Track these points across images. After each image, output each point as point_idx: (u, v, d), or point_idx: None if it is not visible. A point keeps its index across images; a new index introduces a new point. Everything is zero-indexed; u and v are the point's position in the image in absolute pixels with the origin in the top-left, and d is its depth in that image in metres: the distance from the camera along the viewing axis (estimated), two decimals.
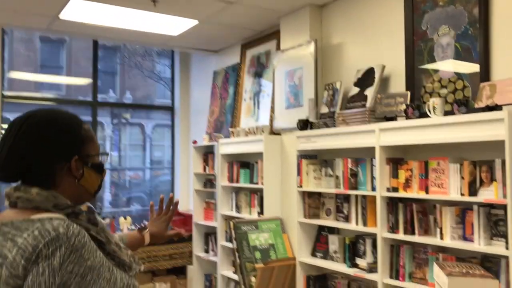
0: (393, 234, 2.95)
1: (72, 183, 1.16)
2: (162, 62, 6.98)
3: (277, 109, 4.21)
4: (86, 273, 0.99)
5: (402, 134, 2.88)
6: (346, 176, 3.30)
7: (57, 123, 1.14)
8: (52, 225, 1.00)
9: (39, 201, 1.07)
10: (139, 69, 7.08)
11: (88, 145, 1.19)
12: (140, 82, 7.31)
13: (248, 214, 4.41)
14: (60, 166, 1.14)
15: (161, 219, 1.72)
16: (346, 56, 3.71)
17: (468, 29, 2.80)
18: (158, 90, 6.96)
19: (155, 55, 6.97)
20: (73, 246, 0.98)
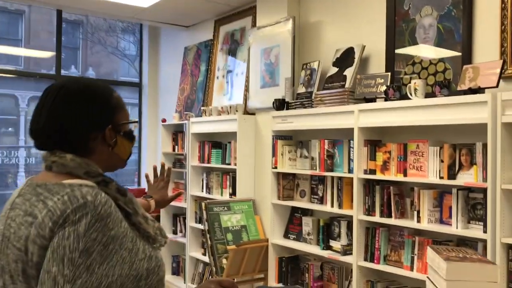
0: (369, 217, 2.92)
1: (105, 151, 1.18)
2: (127, 39, 6.71)
3: (252, 88, 4.10)
4: (109, 242, 1.01)
5: (381, 116, 2.84)
6: (323, 158, 3.24)
7: (91, 92, 1.17)
8: (81, 192, 1.03)
9: (72, 167, 1.10)
10: (102, 45, 6.79)
11: (120, 113, 1.21)
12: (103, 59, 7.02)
13: (220, 196, 4.32)
14: (95, 134, 1.16)
15: (159, 186, 1.82)
16: (325, 35, 3.62)
17: (451, 10, 2.75)
18: (122, 68, 6.70)
19: (120, 31, 6.69)
20: (99, 215, 1.01)
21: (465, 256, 1.30)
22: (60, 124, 1.12)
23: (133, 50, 6.37)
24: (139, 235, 1.11)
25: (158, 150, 5.86)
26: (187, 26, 5.31)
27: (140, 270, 1.07)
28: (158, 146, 5.88)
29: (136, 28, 6.17)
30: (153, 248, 1.13)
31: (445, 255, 1.30)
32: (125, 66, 6.58)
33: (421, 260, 2.68)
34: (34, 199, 1.07)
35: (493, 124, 2.28)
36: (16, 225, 1.05)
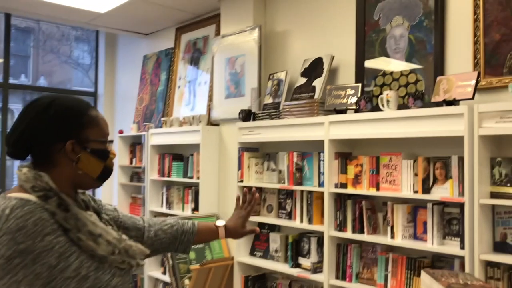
0: (340, 233, 2.80)
1: (69, 166, 1.18)
2: (81, 48, 6.42)
3: (216, 98, 3.93)
4: (14, 256, 0.99)
5: (353, 128, 2.74)
6: (291, 171, 3.11)
7: (57, 105, 1.18)
8: (5, 205, 1.04)
9: (23, 181, 1.12)
10: (55, 54, 6.46)
11: (90, 129, 1.20)
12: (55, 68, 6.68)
13: (181, 211, 4.10)
14: (55, 147, 1.16)
15: (240, 214, 1.70)
16: (292, 44, 3.52)
17: (423, 21, 2.70)
18: (75, 77, 6.39)
19: (73, 39, 6.38)
20: (7, 229, 1.00)
21: (466, 282, 1.18)
22: (24, 134, 1.15)
23: (87, 59, 6.08)
24: (81, 251, 1.09)
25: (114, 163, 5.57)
26: (147, 33, 5.10)
27: None
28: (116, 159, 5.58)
29: (91, 37, 5.90)
30: (99, 268, 1.11)
31: (445, 281, 1.18)
32: (78, 75, 6.28)
33: (395, 278, 2.58)
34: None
35: (470, 136, 2.22)
36: None
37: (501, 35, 2.37)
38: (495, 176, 2.22)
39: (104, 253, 1.13)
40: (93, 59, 5.85)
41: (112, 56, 5.71)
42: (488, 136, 2.21)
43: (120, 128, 5.18)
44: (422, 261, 2.49)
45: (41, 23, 5.93)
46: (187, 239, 1.61)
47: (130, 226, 1.48)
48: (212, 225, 1.66)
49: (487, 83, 2.40)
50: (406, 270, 2.53)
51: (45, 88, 5.81)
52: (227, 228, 1.66)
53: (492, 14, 2.40)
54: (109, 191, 5.62)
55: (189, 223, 1.64)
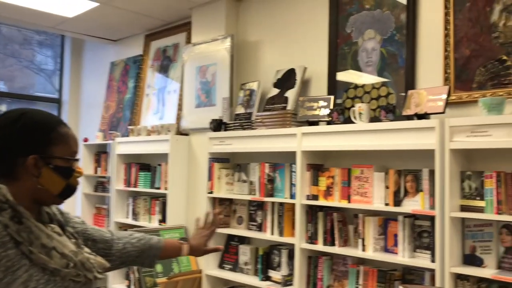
0: (311, 245, 2.78)
1: (30, 180, 1.17)
2: (44, 53, 6.22)
3: (186, 107, 3.87)
4: None
5: (325, 140, 2.73)
6: (263, 182, 3.08)
7: (26, 119, 1.17)
8: None
9: None
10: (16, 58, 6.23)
11: (56, 146, 1.19)
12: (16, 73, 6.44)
13: (148, 222, 3.99)
14: (18, 160, 1.16)
15: (202, 233, 1.72)
16: (264, 55, 3.50)
17: (394, 35, 2.74)
18: (38, 83, 6.18)
19: (36, 44, 6.19)
20: None
21: None
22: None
23: (51, 65, 5.88)
24: (31, 265, 1.10)
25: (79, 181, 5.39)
26: (115, 40, 4.99)
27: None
28: None
29: (55, 42, 5.72)
30: (50, 281, 1.12)
31: None
32: (41, 81, 6.07)
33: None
34: None
35: (441, 150, 2.24)
36: None
37: (471, 51, 2.42)
38: (465, 190, 2.25)
39: (57, 266, 1.13)
40: (57, 65, 5.67)
41: (78, 62, 5.56)
42: (459, 150, 2.24)
43: (85, 136, 5.03)
44: (393, 274, 2.49)
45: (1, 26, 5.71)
46: (153, 253, 1.59)
47: (97, 238, 1.46)
48: (176, 242, 1.67)
49: (457, 98, 2.44)
50: (377, 283, 2.53)
51: (6, 93, 5.59)
52: (191, 246, 1.67)
53: (462, 30, 2.45)
54: (72, 201, 5.42)
55: (155, 238, 1.62)
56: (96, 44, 5.24)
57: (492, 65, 2.35)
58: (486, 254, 2.21)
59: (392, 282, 2.47)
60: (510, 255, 2.17)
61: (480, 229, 2.24)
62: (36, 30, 5.54)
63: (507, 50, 2.31)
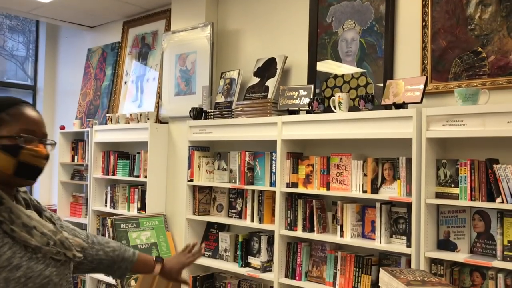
0: (291, 232, 2.83)
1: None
2: (15, 38, 6.06)
3: (165, 95, 3.85)
4: None
5: (305, 128, 2.77)
6: (243, 170, 3.10)
7: None
8: None
9: None
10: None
11: (4, 127, 1.21)
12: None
13: (126, 211, 3.98)
14: None
15: (180, 260, 1.74)
16: (244, 43, 3.51)
17: (374, 26, 2.78)
18: (9, 69, 6.04)
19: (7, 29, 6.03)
20: None
21: (423, 279, 1.22)
22: None
23: (23, 51, 5.75)
24: (14, 242, 1.14)
25: (54, 160, 5.31)
26: (92, 26, 4.91)
27: None
28: (54, 155, 5.33)
29: (26, 28, 5.59)
30: (32, 259, 1.16)
31: (404, 279, 1.21)
32: (12, 67, 5.92)
33: (343, 276, 2.63)
34: None
35: (418, 139, 2.31)
36: None
37: (448, 42, 2.48)
38: (440, 177, 2.33)
39: (38, 243, 1.17)
40: (29, 51, 5.55)
41: (53, 48, 5.45)
42: (435, 139, 2.31)
43: (61, 124, 4.96)
44: (370, 259, 2.56)
45: None
46: (125, 266, 1.61)
47: None
48: (151, 260, 1.69)
49: (433, 88, 2.51)
50: (354, 268, 2.60)
51: None
52: (164, 267, 1.69)
53: (440, 22, 2.51)
54: (48, 189, 5.36)
55: (130, 251, 1.64)
56: (72, 30, 5.15)
57: (468, 56, 2.42)
58: (460, 239, 2.30)
59: (369, 267, 2.54)
60: (481, 240, 2.25)
61: (454, 215, 2.32)
62: (8, 15, 5.40)
63: (482, 42, 2.38)
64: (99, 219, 4.23)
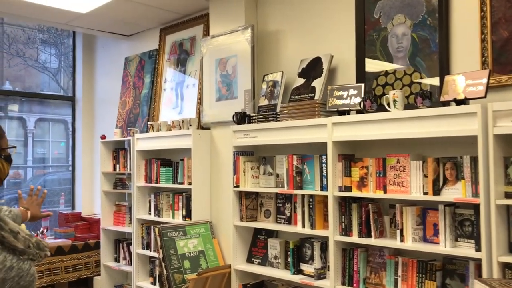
0: (346, 237, 2.72)
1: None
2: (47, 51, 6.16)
3: (206, 101, 3.80)
4: None
5: (357, 129, 2.66)
6: (291, 175, 3.01)
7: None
8: None
9: None
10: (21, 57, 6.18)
11: (2, 140, 1.42)
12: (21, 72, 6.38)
13: (171, 218, 3.95)
14: None
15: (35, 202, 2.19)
16: (285, 44, 3.43)
17: (426, 19, 2.65)
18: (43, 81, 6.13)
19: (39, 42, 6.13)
20: None
21: None
22: None
23: (55, 63, 5.83)
24: (3, 247, 1.27)
25: (95, 170, 5.35)
26: (128, 35, 4.92)
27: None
28: (94, 165, 5.37)
29: (58, 40, 5.66)
30: (20, 260, 1.29)
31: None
32: (45, 79, 6.02)
33: (406, 282, 2.51)
34: None
35: (484, 136, 2.17)
36: None
37: (510, 33, 2.33)
38: (510, 176, 2.18)
39: (23, 247, 1.31)
40: (61, 63, 5.61)
41: (90, 59, 5.50)
42: (502, 135, 2.17)
43: (100, 133, 4.98)
44: (434, 264, 2.43)
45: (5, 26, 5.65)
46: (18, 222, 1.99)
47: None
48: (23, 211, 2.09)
49: (496, 82, 2.36)
50: (417, 274, 2.47)
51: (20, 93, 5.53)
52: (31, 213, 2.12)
53: (500, 11, 2.37)
54: (90, 199, 5.40)
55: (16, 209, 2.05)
56: (108, 40, 5.18)
57: None
58: None
59: (433, 272, 2.41)
60: None
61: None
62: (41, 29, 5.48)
63: None
64: (143, 227, 4.21)
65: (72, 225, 4.91)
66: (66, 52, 5.66)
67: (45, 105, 5.81)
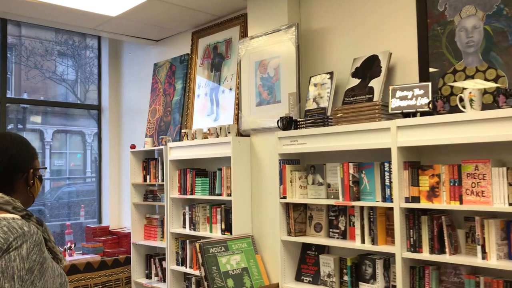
0: (415, 254, 2.43)
1: (24, 190, 1.45)
2: (65, 63, 6.03)
3: (245, 106, 3.55)
4: (43, 262, 1.27)
5: (426, 133, 2.38)
6: (347, 185, 2.74)
7: (19, 143, 1.44)
8: (17, 224, 1.26)
9: (1, 203, 1.33)
10: (39, 69, 6.04)
11: (36, 160, 1.49)
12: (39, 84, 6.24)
13: (208, 232, 3.69)
14: (19, 176, 1.43)
15: None
16: (333, 43, 3.17)
17: (502, 9, 2.38)
18: (60, 93, 5.99)
19: (56, 54, 6.00)
20: (35, 242, 1.26)
21: None
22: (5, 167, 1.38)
23: (72, 74, 5.68)
24: (52, 257, 1.35)
25: (123, 181, 5.13)
26: (157, 40, 4.71)
27: (57, 284, 1.30)
28: (123, 176, 5.15)
29: (75, 52, 5.51)
30: (60, 268, 1.37)
31: None
32: (62, 91, 5.87)
33: None
34: None
35: None
36: None
37: None
38: None
39: (60, 255, 1.40)
40: (78, 74, 5.43)
41: (117, 66, 5.31)
42: None
43: (129, 143, 4.77)
44: None
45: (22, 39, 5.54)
46: None
47: None
48: None
49: None
50: None
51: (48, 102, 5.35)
52: None
53: None
54: (118, 212, 5.17)
55: None
56: (136, 46, 4.98)
57: None
58: None
59: None
60: None
61: None
62: (58, 41, 5.31)
63: None
64: (177, 242, 3.96)
65: (100, 239, 4.68)
66: (83, 63, 5.51)
67: (62, 117, 5.67)
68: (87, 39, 5.51)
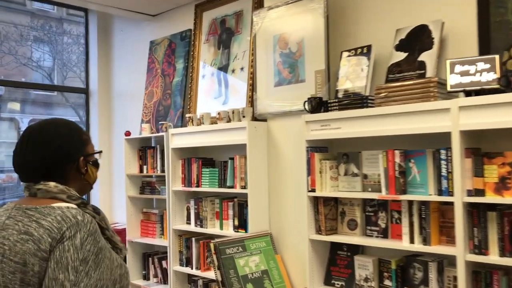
0: (481, 256, 2.06)
1: (78, 178, 1.38)
2: (41, 49, 5.54)
3: (261, 87, 3.13)
4: (98, 252, 1.21)
5: (495, 114, 2.01)
6: (392, 175, 2.35)
7: (66, 131, 1.36)
8: (71, 213, 1.22)
9: (56, 193, 1.29)
10: (13, 55, 5.52)
11: (88, 146, 1.41)
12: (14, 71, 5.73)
13: (218, 229, 3.27)
14: (70, 165, 1.35)
15: None
16: (369, 13, 2.76)
17: None
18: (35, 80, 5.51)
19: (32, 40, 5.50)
20: (89, 231, 1.21)
21: None
22: (43, 158, 1.31)
23: (49, 61, 5.19)
24: (111, 246, 1.31)
25: (115, 172, 4.66)
26: (154, 14, 4.23)
27: (116, 275, 1.25)
28: (114, 167, 4.68)
29: (52, 37, 5.02)
30: (120, 258, 1.32)
31: None
32: (38, 78, 5.39)
33: None
34: (26, 220, 1.23)
35: None
36: (11, 242, 1.20)
37: None
38: None
39: (120, 245, 1.35)
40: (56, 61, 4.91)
41: (106, 45, 4.80)
42: None
43: (122, 130, 4.30)
44: None
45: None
46: None
47: None
48: None
49: None
50: None
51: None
52: None
53: None
54: (109, 206, 4.71)
55: None
56: (129, 21, 4.49)
57: None
58: None
59: None
60: None
61: None
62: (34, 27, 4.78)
63: None
64: (181, 240, 3.53)
65: None
66: (61, 50, 5.01)
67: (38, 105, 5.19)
68: (64, 24, 5.03)
